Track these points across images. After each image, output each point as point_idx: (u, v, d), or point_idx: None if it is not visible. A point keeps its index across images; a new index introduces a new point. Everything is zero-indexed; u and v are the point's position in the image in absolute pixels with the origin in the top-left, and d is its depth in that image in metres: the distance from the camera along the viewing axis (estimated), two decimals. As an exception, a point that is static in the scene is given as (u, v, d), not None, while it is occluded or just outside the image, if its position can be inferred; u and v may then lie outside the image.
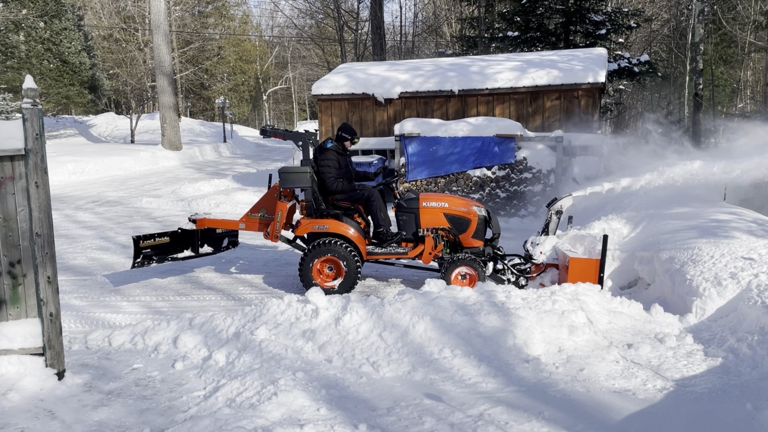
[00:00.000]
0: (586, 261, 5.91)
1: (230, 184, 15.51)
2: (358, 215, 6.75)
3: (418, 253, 6.56)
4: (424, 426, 3.53)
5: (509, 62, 13.73)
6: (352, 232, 6.46)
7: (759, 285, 4.86)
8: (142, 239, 6.43)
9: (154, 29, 21.99)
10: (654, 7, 28.83)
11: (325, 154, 6.68)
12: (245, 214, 6.89)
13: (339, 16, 31.15)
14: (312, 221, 6.52)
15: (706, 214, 7.01)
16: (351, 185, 6.73)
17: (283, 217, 6.62)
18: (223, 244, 7.21)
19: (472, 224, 6.61)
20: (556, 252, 6.51)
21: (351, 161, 7.03)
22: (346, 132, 6.84)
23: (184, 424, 3.55)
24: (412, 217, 6.62)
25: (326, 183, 6.63)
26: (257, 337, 4.67)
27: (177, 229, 6.90)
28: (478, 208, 6.69)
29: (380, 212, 6.61)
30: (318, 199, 6.60)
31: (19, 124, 4.01)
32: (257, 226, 6.82)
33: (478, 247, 6.63)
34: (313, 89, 14.31)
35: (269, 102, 54.95)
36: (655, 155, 9.29)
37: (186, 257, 6.84)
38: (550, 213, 6.68)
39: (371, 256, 6.60)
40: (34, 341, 4.22)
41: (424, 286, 5.46)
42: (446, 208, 6.62)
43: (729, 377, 4.09)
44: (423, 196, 6.70)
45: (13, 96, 20.95)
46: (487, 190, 11.76)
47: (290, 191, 6.78)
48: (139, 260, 6.35)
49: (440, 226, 6.62)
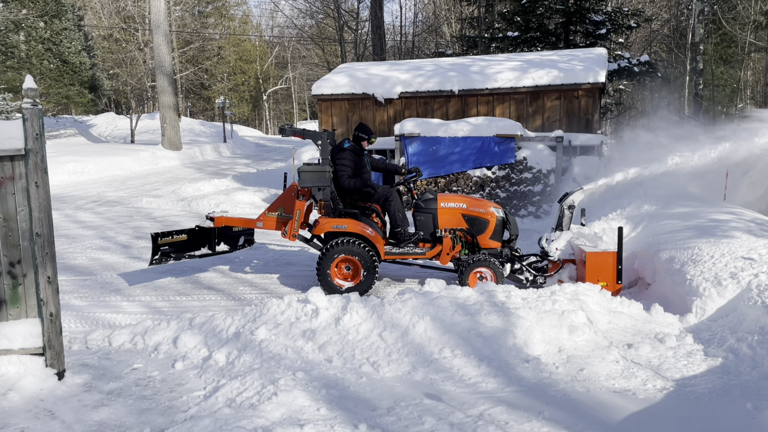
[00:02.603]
0: (602, 254, 5.89)
1: (230, 184, 15.51)
2: (375, 215, 6.73)
3: (435, 253, 6.53)
4: (424, 426, 3.53)
5: (510, 62, 13.72)
6: (370, 232, 6.43)
7: (759, 285, 4.86)
8: (161, 236, 6.41)
9: (154, 29, 21.99)
10: (654, 7, 28.83)
11: (342, 153, 6.68)
12: (262, 213, 6.87)
13: (339, 16, 31.15)
14: (330, 220, 6.50)
15: (706, 214, 7.01)
16: (367, 184, 6.70)
17: (301, 216, 6.58)
18: (239, 243, 7.19)
19: (490, 225, 6.58)
20: (572, 247, 6.48)
21: (368, 161, 6.99)
22: (363, 132, 6.83)
23: (184, 424, 3.55)
24: (429, 218, 6.60)
25: (342, 182, 6.62)
26: (257, 337, 4.67)
27: (194, 226, 6.87)
28: (496, 209, 6.66)
29: (398, 212, 6.58)
30: (336, 199, 6.59)
31: (19, 124, 4.02)
32: (275, 225, 6.80)
33: (495, 248, 6.60)
34: (313, 89, 14.30)
35: (269, 102, 54.96)
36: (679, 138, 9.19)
37: (203, 255, 6.81)
38: (562, 208, 6.66)
39: (389, 256, 6.58)
40: (34, 341, 4.22)
41: (424, 285, 5.46)
42: (464, 209, 6.59)
43: (729, 377, 4.09)
44: (441, 197, 6.68)
45: (13, 96, 20.94)
46: (487, 190, 11.76)
47: (308, 190, 6.74)
48: (157, 257, 6.34)
49: (458, 226, 6.59)
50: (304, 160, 13.26)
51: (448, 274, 7.14)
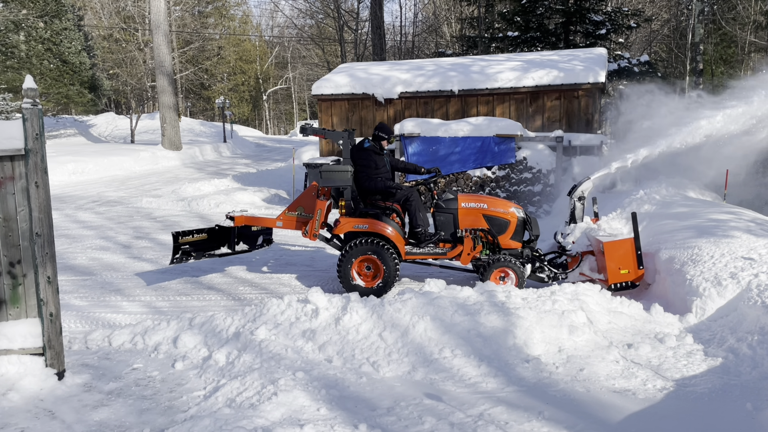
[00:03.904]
0: (620, 242, 5.90)
1: (230, 184, 15.51)
2: (395, 215, 6.71)
3: (456, 253, 6.51)
4: (424, 426, 3.53)
5: (510, 62, 13.73)
6: (391, 232, 6.42)
7: (759, 285, 4.86)
8: (181, 235, 6.41)
9: (154, 29, 21.99)
10: (654, 7, 28.83)
11: (363, 153, 6.66)
12: (282, 212, 6.86)
13: (339, 16, 31.15)
14: (351, 220, 6.49)
15: (706, 213, 7.02)
16: (388, 184, 6.68)
17: (322, 216, 6.57)
18: (257, 242, 7.19)
19: (510, 225, 6.55)
20: (588, 238, 6.45)
21: (388, 160, 6.97)
22: (383, 131, 6.80)
23: (184, 424, 3.56)
24: (450, 218, 6.57)
25: (363, 182, 6.61)
26: (257, 337, 4.67)
27: (214, 225, 6.87)
28: (516, 209, 6.64)
29: (419, 212, 6.55)
30: (357, 198, 6.59)
31: (19, 124, 4.01)
32: (294, 225, 6.79)
33: (516, 248, 6.58)
34: (313, 89, 14.30)
35: (269, 102, 54.97)
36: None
37: (223, 254, 6.81)
38: (572, 201, 6.64)
39: (409, 256, 6.56)
40: (34, 341, 4.22)
41: (424, 285, 5.46)
42: (485, 209, 6.56)
43: (729, 377, 4.09)
44: (462, 197, 6.66)
45: (13, 96, 20.95)
46: (487, 190, 11.76)
47: (328, 190, 6.72)
48: (178, 256, 6.34)
49: (479, 227, 6.56)
50: (304, 159, 13.26)
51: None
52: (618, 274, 5.89)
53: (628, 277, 5.90)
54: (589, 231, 6.43)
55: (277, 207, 12.58)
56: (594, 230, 6.40)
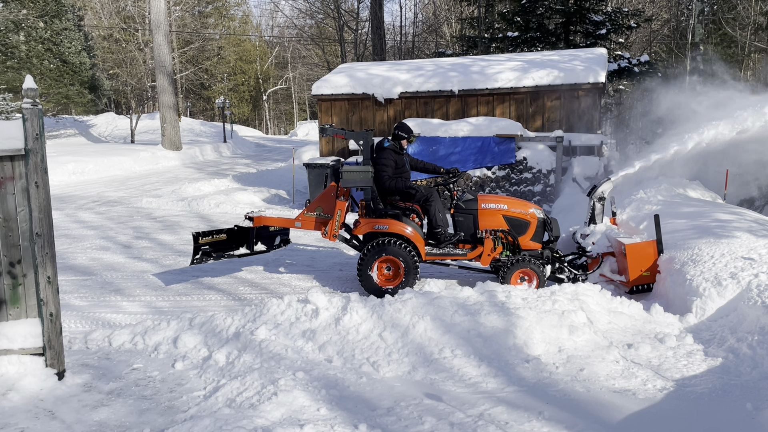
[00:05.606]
0: (642, 244, 5.91)
1: (231, 184, 15.50)
2: (414, 215, 6.68)
3: (476, 254, 6.47)
4: (424, 426, 3.54)
5: (510, 62, 13.72)
6: (411, 232, 6.39)
7: (759, 285, 4.86)
8: (201, 236, 6.41)
9: (155, 29, 21.99)
10: (654, 7, 28.83)
11: (382, 153, 6.62)
12: (301, 213, 6.84)
13: (339, 16, 31.15)
14: (371, 221, 6.47)
15: (707, 213, 7.01)
16: (408, 185, 6.64)
17: (341, 216, 6.54)
18: (275, 243, 7.17)
19: (531, 227, 6.53)
20: (609, 239, 6.43)
21: (407, 160, 6.93)
22: (403, 131, 6.74)
23: (184, 424, 3.56)
24: (470, 219, 6.54)
25: (383, 182, 6.57)
26: (257, 337, 4.67)
27: (233, 226, 6.87)
28: (536, 210, 6.61)
29: (439, 213, 6.51)
30: (377, 199, 6.56)
31: (19, 124, 4.02)
32: (313, 225, 6.76)
33: (536, 249, 6.55)
34: (313, 89, 14.30)
35: (269, 102, 54.97)
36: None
37: (242, 255, 6.80)
38: (592, 201, 6.62)
39: (429, 257, 6.52)
40: (34, 341, 4.22)
41: (424, 285, 5.46)
42: (505, 210, 6.53)
43: (729, 377, 4.09)
44: (482, 198, 6.64)
45: (13, 96, 20.95)
46: (487, 190, 11.77)
47: (347, 190, 6.68)
48: (198, 257, 6.33)
49: (499, 228, 6.52)
50: (304, 160, 13.25)
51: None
52: (641, 276, 5.91)
53: (648, 279, 5.91)
54: (610, 232, 6.41)
55: (278, 207, 12.58)
56: (614, 231, 6.39)
